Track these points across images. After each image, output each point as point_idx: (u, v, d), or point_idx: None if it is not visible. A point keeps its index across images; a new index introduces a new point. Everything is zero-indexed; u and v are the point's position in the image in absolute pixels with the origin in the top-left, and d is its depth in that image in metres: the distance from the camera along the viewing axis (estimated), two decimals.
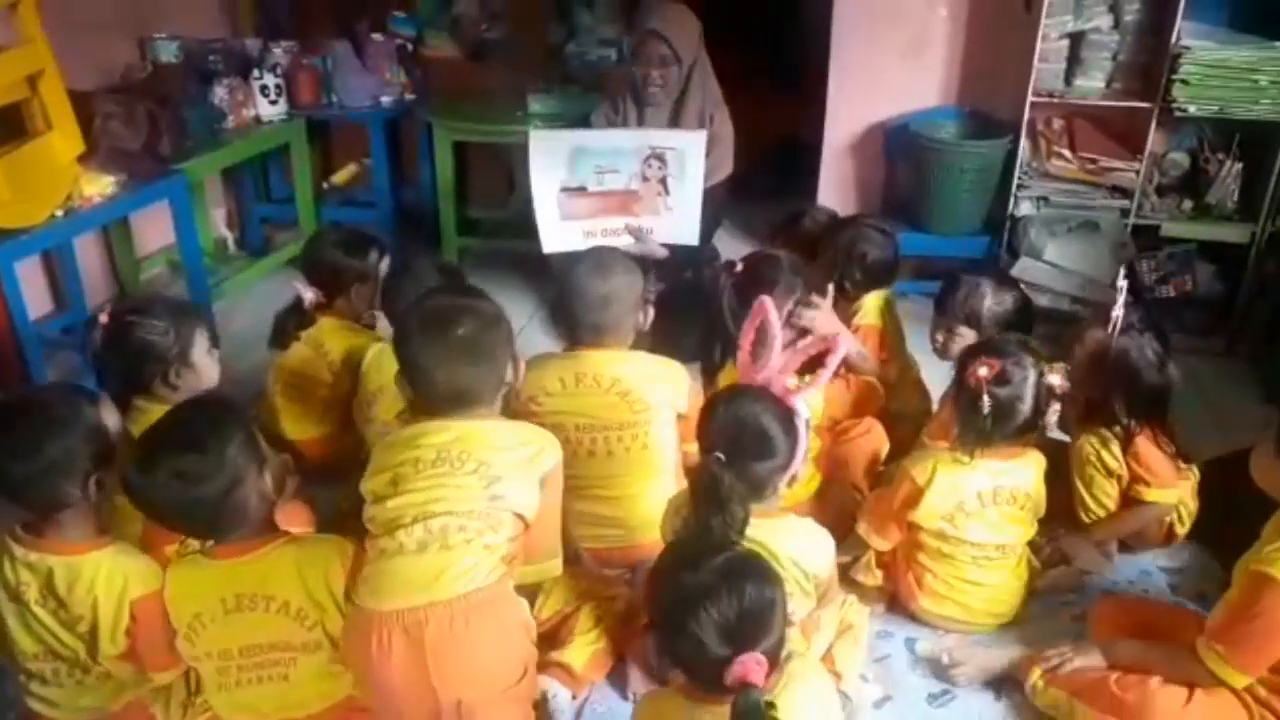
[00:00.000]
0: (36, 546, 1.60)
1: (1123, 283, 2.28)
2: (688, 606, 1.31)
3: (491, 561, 1.59)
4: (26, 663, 1.65)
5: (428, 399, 1.65)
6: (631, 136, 2.95)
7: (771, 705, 1.27)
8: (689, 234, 2.99)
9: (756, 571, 1.36)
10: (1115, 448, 2.17)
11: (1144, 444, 2.15)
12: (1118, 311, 2.19)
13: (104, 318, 2.06)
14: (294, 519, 1.90)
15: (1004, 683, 1.97)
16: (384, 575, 1.55)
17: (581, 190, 2.94)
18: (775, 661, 1.33)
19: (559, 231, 2.95)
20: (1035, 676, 1.88)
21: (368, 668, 1.55)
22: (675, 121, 3.14)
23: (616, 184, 2.94)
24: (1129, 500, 2.19)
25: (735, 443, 1.65)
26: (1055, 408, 2.02)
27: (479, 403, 1.65)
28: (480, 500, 1.58)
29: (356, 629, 1.57)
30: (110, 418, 1.68)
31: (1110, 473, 2.18)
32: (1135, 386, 2.13)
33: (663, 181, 2.95)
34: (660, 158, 2.92)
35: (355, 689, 1.68)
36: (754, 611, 1.30)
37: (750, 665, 1.27)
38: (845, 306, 2.55)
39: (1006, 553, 2.07)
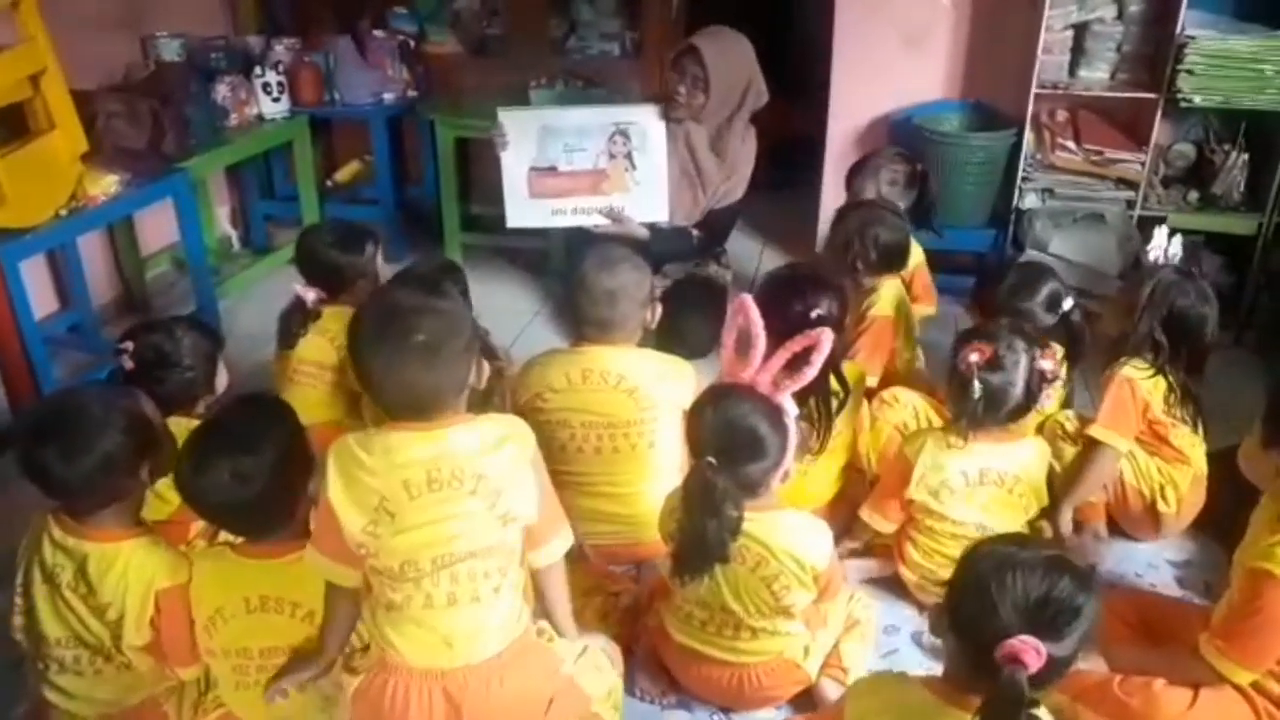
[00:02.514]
0: (76, 532, 1.62)
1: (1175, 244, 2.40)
2: (999, 569, 1.23)
3: (518, 604, 1.54)
4: (50, 648, 1.65)
5: (383, 405, 1.47)
6: (595, 113, 2.93)
7: (1036, 704, 1.18)
8: (659, 210, 2.97)
9: (1081, 577, 1.26)
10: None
11: (1121, 386, 2.17)
12: (1171, 249, 2.33)
13: (128, 363, 2.04)
14: None
15: None
16: (418, 629, 1.47)
17: (552, 170, 2.92)
18: (1053, 668, 1.19)
19: (526, 208, 2.95)
20: None
21: (393, 716, 1.49)
22: (719, 140, 3.07)
23: (585, 163, 2.92)
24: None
25: (726, 446, 1.63)
26: (1048, 392, 2.05)
27: (442, 409, 1.45)
28: (494, 530, 1.46)
29: (387, 680, 1.49)
30: (147, 405, 1.72)
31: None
32: (1169, 311, 2.17)
33: (629, 157, 2.93)
34: (624, 133, 2.90)
35: None
36: (1060, 604, 1.21)
37: (1029, 648, 1.16)
38: (857, 294, 2.54)
39: (986, 535, 2.01)
